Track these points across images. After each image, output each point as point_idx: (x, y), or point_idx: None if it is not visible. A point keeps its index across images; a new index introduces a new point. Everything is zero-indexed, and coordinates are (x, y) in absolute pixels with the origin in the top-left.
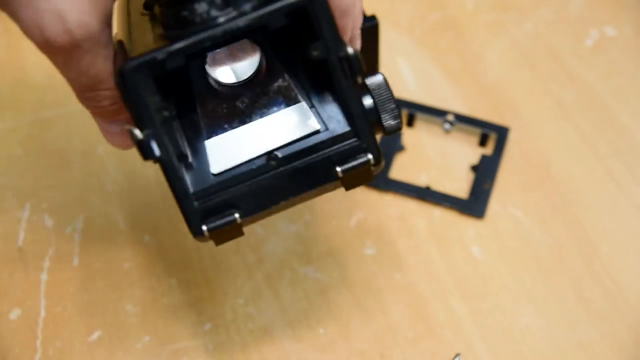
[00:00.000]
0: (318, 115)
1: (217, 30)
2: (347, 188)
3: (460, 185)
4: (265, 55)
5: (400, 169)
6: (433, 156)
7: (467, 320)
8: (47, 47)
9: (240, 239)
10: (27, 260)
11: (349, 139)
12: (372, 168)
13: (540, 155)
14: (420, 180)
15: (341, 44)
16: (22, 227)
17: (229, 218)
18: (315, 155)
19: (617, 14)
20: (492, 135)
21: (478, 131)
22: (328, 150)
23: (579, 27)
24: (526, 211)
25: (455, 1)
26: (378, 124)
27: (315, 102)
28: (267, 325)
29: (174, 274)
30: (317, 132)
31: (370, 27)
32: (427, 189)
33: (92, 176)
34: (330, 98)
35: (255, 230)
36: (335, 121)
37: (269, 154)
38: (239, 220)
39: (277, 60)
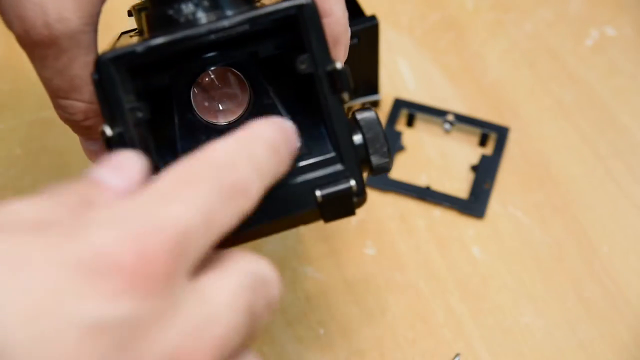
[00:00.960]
0: (300, 136)
1: (201, 29)
2: (326, 219)
3: (460, 185)
4: (251, 76)
5: (400, 169)
6: (433, 156)
7: (467, 320)
8: (26, 39)
9: None
10: None
11: (332, 165)
12: (355, 199)
13: (540, 155)
14: (420, 180)
15: (329, 58)
16: None
17: None
18: (294, 178)
19: (617, 14)
20: (492, 135)
21: (478, 131)
22: (308, 173)
23: (579, 27)
24: (526, 211)
25: (455, 1)
26: (366, 161)
27: (299, 123)
28: (267, 325)
29: None
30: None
31: (370, 27)
32: (427, 189)
33: None
34: (316, 120)
35: None
36: (320, 145)
37: None
38: None
39: (262, 79)
